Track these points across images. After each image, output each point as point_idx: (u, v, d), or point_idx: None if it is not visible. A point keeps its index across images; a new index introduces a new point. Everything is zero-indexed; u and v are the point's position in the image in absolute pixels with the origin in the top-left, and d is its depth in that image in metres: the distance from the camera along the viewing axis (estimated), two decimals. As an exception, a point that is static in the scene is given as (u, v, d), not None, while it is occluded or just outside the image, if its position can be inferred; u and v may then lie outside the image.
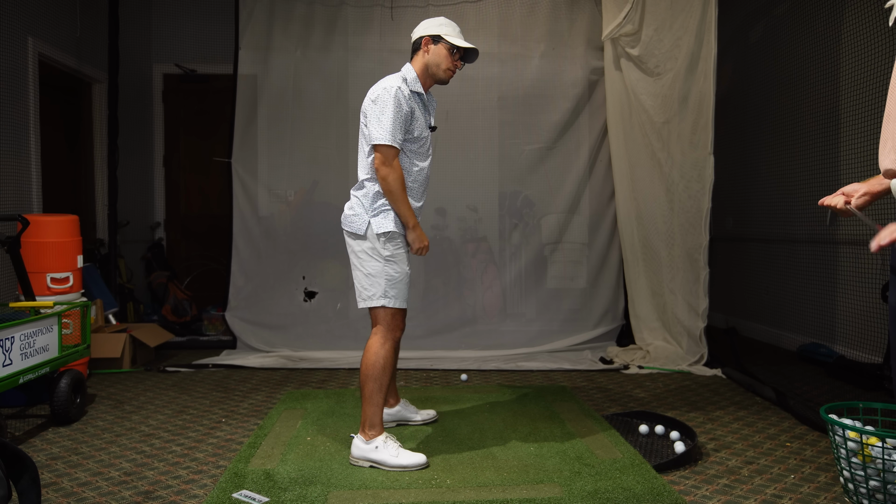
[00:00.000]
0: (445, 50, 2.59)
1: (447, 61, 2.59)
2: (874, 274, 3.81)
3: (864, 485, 2.07)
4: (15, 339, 2.72)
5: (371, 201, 2.55)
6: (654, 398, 3.49)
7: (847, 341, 4.11)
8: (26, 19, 4.16)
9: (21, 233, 3.20)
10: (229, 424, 3.04)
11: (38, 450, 2.68)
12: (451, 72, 2.62)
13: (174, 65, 5.86)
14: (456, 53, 2.61)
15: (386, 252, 2.52)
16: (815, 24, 4.33)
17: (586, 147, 4.73)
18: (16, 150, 4.06)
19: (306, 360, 4.35)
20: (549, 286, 4.81)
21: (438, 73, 2.61)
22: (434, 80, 2.65)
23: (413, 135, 2.57)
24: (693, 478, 2.40)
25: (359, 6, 4.71)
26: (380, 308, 2.52)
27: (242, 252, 4.74)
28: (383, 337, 2.52)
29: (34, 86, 4.22)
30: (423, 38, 2.62)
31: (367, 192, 2.57)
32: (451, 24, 2.64)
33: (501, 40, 4.68)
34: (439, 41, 2.59)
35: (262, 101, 4.75)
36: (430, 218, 4.75)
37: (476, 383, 3.82)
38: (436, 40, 2.60)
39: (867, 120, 3.79)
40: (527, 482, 2.31)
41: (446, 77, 2.63)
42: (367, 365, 2.50)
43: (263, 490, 2.23)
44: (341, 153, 4.71)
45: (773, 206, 4.89)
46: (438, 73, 2.61)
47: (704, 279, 4.11)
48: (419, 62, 2.63)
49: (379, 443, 2.45)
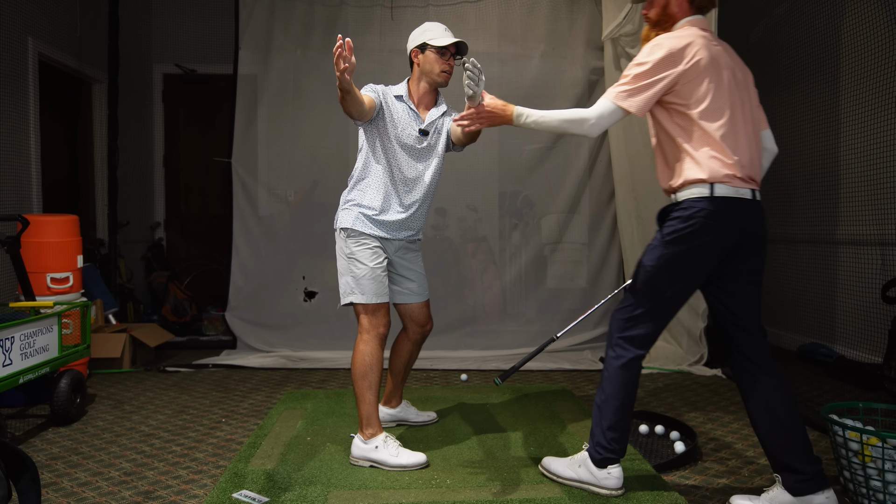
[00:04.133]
0: (433, 54, 2.60)
1: (438, 64, 2.60)
2: (874, 274, 3.81)
3: (864, 485, 2.07)
4: (15, 339, 2.72)
5: (344, 196, 2.65)
6: (654, 398, 3.49)
7: (847, 341, 4.11)
8: (26, 19, 4.16)
9: (21, 233, 3.19)
10: (229, 424, 3.04)
11: (38, 450, 2.68)
12: (445, 73, 2.62)
13: (174, 65, 5.86)
14: (446, 53, 2.62)
15: (347, 250, 2.56)
16: (815, 24, 4.33)
17: (586, 147, 4.73)
18: (16, 150, 4.06)
19: (306, 360, 4.35)
20: (549, 286, 4.81)
21: (434, 77, 2.62)
22: (434, 86, 2.66)
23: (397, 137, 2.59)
24: (693, 478, 2.40)
25: (359, 6, 4.71)
26: (354, 305, 2.55)
27: (242, 252, 4.74)
28: (366, 334, 2.53)
29: (34, 86, 4.22)
30: (412, 52, 2.66)
31: (349, 186, 2.66)
32: (434, 26, 2.65)
33: (501, 40, 4.68)
34: (426, 48, 2.61)
35: (262, 101, 4.75)
36: (431, 218, 4.74)
37: (476, 383, 3.82)
38: (423, 49, 2.62)
39: (867, 119, 3.79)
40: (527, 482, 2.31)
41: (442, 79, 2.63)
42: (354, 364, 2.52)
43: (263, 490, 2.23)
44: (341, 153, 4.71)
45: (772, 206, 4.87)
46: (434, 77, 2.62)
47: (704, 279, 4.10)
48: (415, 75, 2.68)
49: (379, 442, 2.45)
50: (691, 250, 2.04)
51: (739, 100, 2.08)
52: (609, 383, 2.14)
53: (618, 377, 2.12)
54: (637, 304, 2.12)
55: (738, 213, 2.02)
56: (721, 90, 2.04)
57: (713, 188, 2.00)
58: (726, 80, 2.06)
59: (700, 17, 2.16)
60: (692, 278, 2.10)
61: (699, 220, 2.00)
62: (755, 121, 2.14)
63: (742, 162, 2.02)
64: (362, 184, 2.62)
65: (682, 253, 2.05)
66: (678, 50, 2.02)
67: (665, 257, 2.07)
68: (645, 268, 2.11)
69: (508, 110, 2.18)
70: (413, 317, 2.77)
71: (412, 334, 2.81)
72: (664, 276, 2.07)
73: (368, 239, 2.56)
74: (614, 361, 2.13)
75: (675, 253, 2.05)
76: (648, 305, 2.11)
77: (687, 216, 2.02)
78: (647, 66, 2.03)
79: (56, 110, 4.77)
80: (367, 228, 2.56)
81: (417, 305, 2.76)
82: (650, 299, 2.11)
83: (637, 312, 2.12)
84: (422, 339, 2.84)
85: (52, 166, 4.58)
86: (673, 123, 2.09)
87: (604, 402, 2.15)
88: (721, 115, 2.03)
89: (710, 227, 2.00)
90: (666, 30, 2.16)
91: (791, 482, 2.03)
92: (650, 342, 2.15)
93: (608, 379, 2.14)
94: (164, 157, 6.02)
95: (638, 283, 2.13)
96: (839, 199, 4.12)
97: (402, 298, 2.75)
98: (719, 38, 2.19)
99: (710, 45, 2.07)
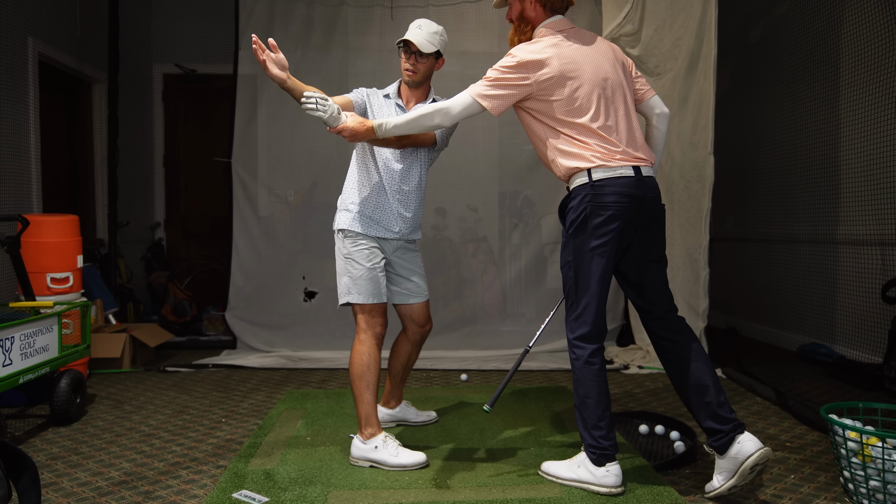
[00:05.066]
0: (401, 54, 2.63)
1: (402, 62, 2.63)
2: (874, 274, 3.81)
3: (864, 485, 2.07)
4: (15, 339, 2.72)
5: (341, 198, 2.66)
6: (654, 398, 3.49)
7: (847, 341, 4.11)
8: (26, 19, 4.16)
9: (21, 233, 3.20)
10: (229, 424, 3.04)
11: (38, 450, 2.68)
12: (408, 72, 2.62)
13: (174, 65, 5.86)
14: (407, 51, 2.60)
15: (344, 250, 2.57)
16: (815, 24, 4.33)
17: (586, 147, 4.73)
18: (16, 150, 4.06)
19: (306, 360, 4.35)
20: (549, 286, 4.81)
21: (402, 75, 2.65)
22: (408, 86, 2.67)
23: None
24: (693, 478, 2.40)
25: (359, 6, 4.71)
26: (352, 305, 2.56)
27: (242, 252, 4.74)
28: (363, 334, 2.53)
29: (34, 86, 4.22)
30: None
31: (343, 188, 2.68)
32: (411, 24, 2.63)
33: (501, 40, 4.68)
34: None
35: (262, 101, 4.75)
36: (431, 218, 4.75)
37: (476, 383, 3.82)
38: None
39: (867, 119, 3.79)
40: (527, 482, 2.31)
41: (407, 77, 2.63)
42: (351, 364, 2.53)
43: (263, 490, 2.23)
44: (341, 153, 4.69)
45: (772, 205, 4.89)
46: (402, 75, 2.65)
47: (704, 279, 4.11)
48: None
49: (378, 442, 2.45)
50: (590, 235, 2.17)
51: (611, 86, 2.22)
52: (579, 385, 2.23)
53: (584, 376, 2.21)
54: (573, 304, 2.24)
55: (624, 190, 2.15)
56: (585, 84, 2.18)
57: (590, 174, 2.16)
58: (589, 73, 2.19)
59: (558, 17, 2.30)
60: (605, 262, 2.19)
61: (587, 206, 2.15)
62: (633, 97, 2.32)
63: (621, 143, 2.19)
64: (356, 184, 2.63)
65: (584, 240, 2.18)
66: (532, 62, 2.16)
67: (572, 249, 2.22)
68: (562, 267, 2.27)
69: (367, 125, 2.30)
70: (412, 317, 2.77)
71: (411, 335, 2.81)
72: (579, 268, 2.21)
73: (366, 239, 2.57)
74: (576, 362, 2.24)
75: (578, 242, 2.19)
76: (581, 301, 2.21)
77: (576, 205, 2.18)
78: (503, 74, 2.18)
79: (56, 110, 4.77)
80: (364, 228, 2.57)
81: (417, 306, 2.76)
82: (578, 294, 2.22)
83: (576, 312, 2.23)
84: (421, 339, 2.83)
85: (52, 166, 4.58)
86: (541, 125, 2.25)
87: (580, 403, 2.23)
88: (588, 107, 2.17)
89: (598, 209, 2.15)
90: (526, 34, 2.31)
91: (711, 442, 2.18)
92: (600, 335, 2.24)
93: (577, 381, 2.24)
94: (164, 157, 6.02)
95: (565, 284, 2.27)
96: (839, 198, 4.11)
97: (401, 299, 2.75)
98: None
99: (567, 46, 2.21)
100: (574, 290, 2.22)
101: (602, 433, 2.19)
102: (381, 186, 2.60)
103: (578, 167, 2.17)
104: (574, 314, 2.24)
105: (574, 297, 2.23)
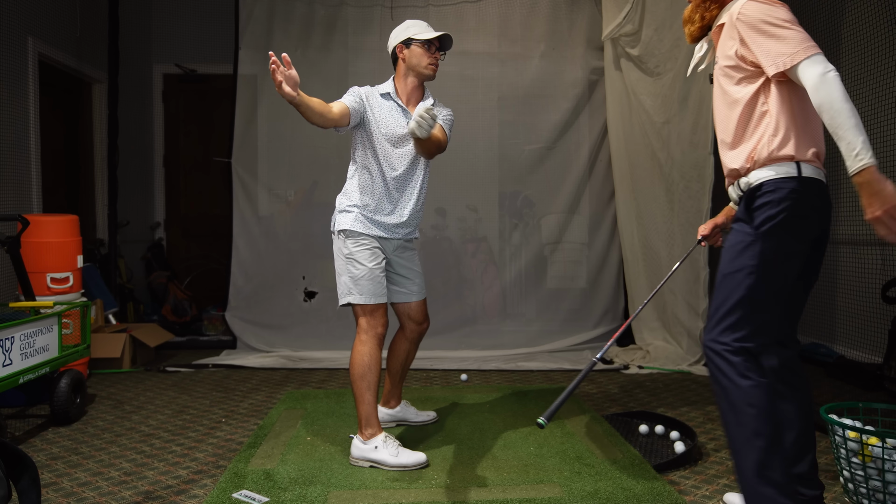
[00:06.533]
0: (420, 48, 2.62)
1: (425, 58, 2.62)
2: (874, 274, 3.81)
3: (864, 485, 2.07)
4: (15, 339, 2.72)
5: (340, 199, 2.64)
6: (654, 398, 3.49)
7: (847, 341, 4.11)
8: (26, 19, 4.16)
9: (21, 233, 3.19)
10: (229, 424, 3.04)
11: (38, 450, 2.68)
12: (433, 66, 2.64)
13: (174, 65, 5.86)
14: (432, 47, 2.63)
15: (346, 250, 2.56)
16: (815, 24, 4.33)
17: (586, 147, 4.74)
18: (16, 151, 4.06)
19: (306, 360, 4.36)
20: (549, 286, 4.81)
21: (422, 71, 2.64)
22: (421, 79, 2.67)
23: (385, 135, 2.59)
24: (693, 478, 2.40)
25: (359, 6, 4.71)
26: (352, 306, 2.56)
27: (242, 252, 4.74)
28: (364, 334, 2.53)
29: (34, 86, 4.22)
30: (395, 48, 2.68)
31: (343, 189, 2.66)
32: (416, 23, 2.68)
33: (501, 40, 4.68)
34: (411, 43, 2.63)
35: (262, 101, 4.75)
36: (431, 218, 4.75)
37: (476, 383, 3.82)
38: (407, 44, 2.64)
39: (866, 119, 3.79)
40: (527, 482, 2.31)
41: (430, 72, 2.64)
42: (352, 365, 2.52)
43: (263, 490, 2.23)
44: (341, 154, 4.70)
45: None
46: (422, 71, 2.64)
47: (704, 279, 4.11)
48: (400, 72, 2.68)
49: (378, 442, 2.45)
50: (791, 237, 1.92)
51: None
52: (755, 421, 1.81)
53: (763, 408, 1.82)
54: (742, 318, 1.86)
55: (824, 194, 1.99)
56: None
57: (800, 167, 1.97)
58: None
59: None
60: (798, 268, 1.96)
61: (793, 203, 1.93)
62: None
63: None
64: (356, 185, 2.62)
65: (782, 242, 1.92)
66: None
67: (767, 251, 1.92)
68: (733, 273, 1.91)
69: None
70: (411, 315, 2.78)
71: (409, 333, 2.81)
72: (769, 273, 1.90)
73: (367, 239, 2.57)
74: (754, 391, 1.81)
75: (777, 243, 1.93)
76: (769, 311, 1.88)
77: (777, 199, 1.91)
78: (790, 24, 1.88)
79: (56, 110, 4.77)
80: (365, 229, 2.57)
81: (415, 304, 2.76)
82: (758, 305, 1.86)
83: (754, 326, 1.85)
84: (419, 337, 2.84)
85: (52, 166, 4.58)
86: (764, 99, 1.99)
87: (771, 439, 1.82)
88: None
89: (804, 209, 1.96)
90: (712, 11, 2.04)
91: None
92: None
93: (754, 418, 1.80)
94: (164, 157, 6.02)
95: (730, 295, 1.89)
96: (839, 198, 4.12)
97: (400, 298, 2.75)
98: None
99: None
100: (747, 300, 1.86)
101: (803, 471, 1.85)
102: (382, 187, 2.60)
103: (791, 156, 1.96)
104: (749, 331, 1.87)
105: (747, 308, 1.87)
